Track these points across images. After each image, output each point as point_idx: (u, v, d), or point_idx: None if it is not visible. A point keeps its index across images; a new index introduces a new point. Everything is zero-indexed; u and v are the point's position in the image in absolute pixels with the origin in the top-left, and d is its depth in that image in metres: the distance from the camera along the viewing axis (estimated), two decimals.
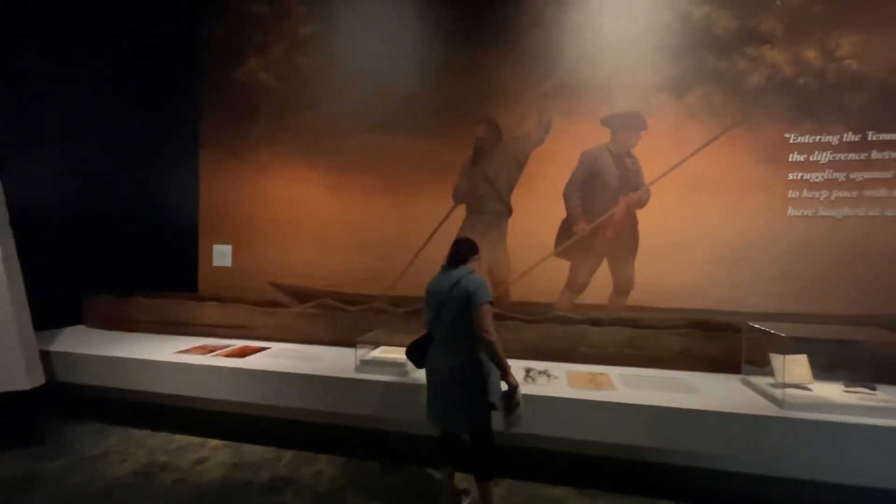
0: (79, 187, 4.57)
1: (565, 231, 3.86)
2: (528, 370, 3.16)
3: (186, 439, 3.34)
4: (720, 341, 3.24)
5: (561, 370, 3.21)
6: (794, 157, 3.44)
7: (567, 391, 2.78)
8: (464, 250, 2.41)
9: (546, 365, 3.31)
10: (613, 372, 3.21)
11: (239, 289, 4.52)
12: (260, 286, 4.52)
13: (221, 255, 4.70)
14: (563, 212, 3.86)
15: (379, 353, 3.33)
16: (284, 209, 4.51)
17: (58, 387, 3.54)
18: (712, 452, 2.56)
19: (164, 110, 4.97)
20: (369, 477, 2.87)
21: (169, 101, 4.95)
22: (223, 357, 3.49)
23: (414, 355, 2.44)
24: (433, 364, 2.37)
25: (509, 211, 3.98)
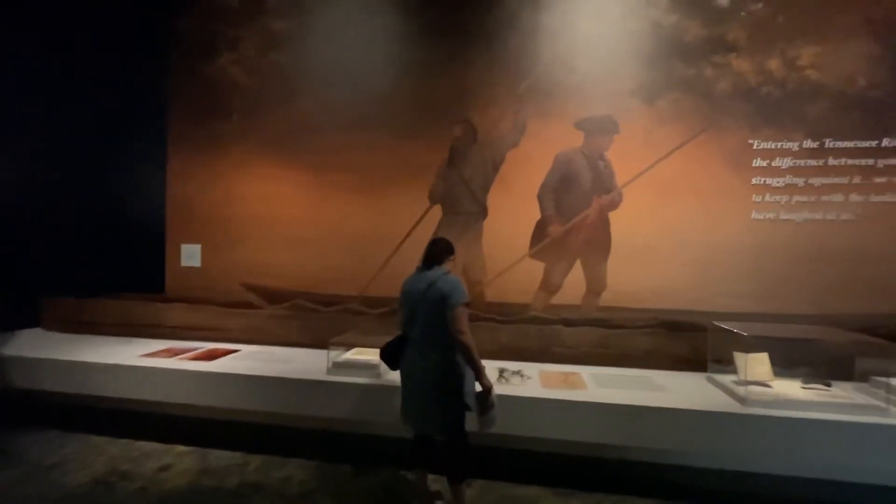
0: (36, 183, 4.35)
1: (540, 232, 3.90)
2: (502, 370, 3.17)
3: (150, 446, 3.22)
4: (687, 341, 3.33)
5: (534, 370, 3.24)
6: (758, 163, 3.57)
7: (540, 391, 2.81)
8: (439, 251, 2.40)
9: (520, 365, 3.34)
10: (586, 371, 3.25)
11: (209, 289, 4.40)
12: (231, 287, 4.41)
13: (190, 255, 4.55)
14: (538, 213, 3.90)
15: (351, 355, 3.28)
16: (256, 208, 4.41)
17: (12, 393, 3.38)
18: (680, 449, 2.62)
19: (131, 105, 4.78)
20: (340, 481, 2.82)
21: (136, 96, 4.76)
22: (190, 360, 3.38)
23: (388, 357, 2.42)
24: (408, 365, 2.35)
25: (485, 212, 3.99)
